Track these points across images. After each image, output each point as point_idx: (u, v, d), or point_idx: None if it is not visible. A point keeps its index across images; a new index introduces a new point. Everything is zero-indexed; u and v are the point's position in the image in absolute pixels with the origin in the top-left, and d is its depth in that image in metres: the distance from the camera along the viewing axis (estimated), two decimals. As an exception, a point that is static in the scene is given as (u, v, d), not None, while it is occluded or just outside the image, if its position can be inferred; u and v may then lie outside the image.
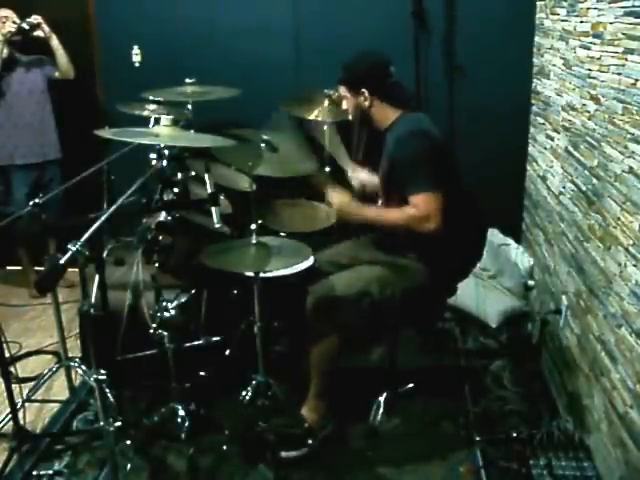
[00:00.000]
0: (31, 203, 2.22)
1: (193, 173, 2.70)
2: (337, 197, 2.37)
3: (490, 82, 3.40)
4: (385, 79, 2.36)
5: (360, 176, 2.73)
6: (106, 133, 2.16)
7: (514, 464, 2.32)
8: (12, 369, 2.54)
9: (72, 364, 2.70)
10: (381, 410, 2.59)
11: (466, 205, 2.39)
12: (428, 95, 3.42)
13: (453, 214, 2.22)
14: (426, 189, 2.19)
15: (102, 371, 1.94)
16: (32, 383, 2.72)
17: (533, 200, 3.35)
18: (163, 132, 2.17)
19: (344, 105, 2.47)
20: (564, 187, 2.74)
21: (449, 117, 3.44)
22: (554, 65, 2.95)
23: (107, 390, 2.06)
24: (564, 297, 2.68)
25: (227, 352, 2.65)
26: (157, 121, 2.39)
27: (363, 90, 2.36)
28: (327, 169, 3.21)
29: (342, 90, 2.45)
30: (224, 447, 2.37)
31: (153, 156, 2.37)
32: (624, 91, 2.07)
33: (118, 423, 1.96)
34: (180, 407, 2.42)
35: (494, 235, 3.32)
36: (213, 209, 2.39)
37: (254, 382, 2.42)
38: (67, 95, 3.58)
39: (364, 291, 2.32)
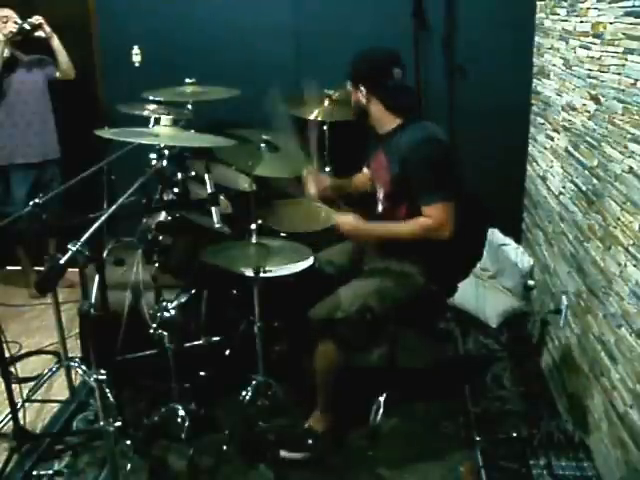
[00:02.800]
0: (31, 203, 2.22)
1: (193, 173, 2.70)
2: (344, 220, 2.30)
3: (490, 82, 3.40)
4: (385, 79, 2.28)
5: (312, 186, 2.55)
6: (106, 133, 2.16)
7: (514, 464, 2.31)
8: (12, 369, 2.53)
9: (72, 364, 2.70)
10: (381, 410, 2.59)
11: (466, 205, 2.38)
12: (428, 95, 3.42)
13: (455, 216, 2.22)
14: (440, 199, 2.18)
15: (102, 371, 1.93)
16: (32, 383, 2.72)
17: (533, 200, 3.35)
18: (163, 132, 2.17)
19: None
20: (564, 187, 2.74)
21: (449, 117, 3.44)
22: (554, 65, 2.95)
23: (107, 390, 2.06)
24: (564, 297, 2.68)
25: (227, 352, 2.65)
26: (157, 121, 2.40)
27: (361, 87, 2.32)
28: (327, 169, 3.22)
29: (349, 84, 2.40)
30: (224, 447, 2.37)
31: (153, 156, 2.37)
32: (624, 91, 2.07)
33: (118, 423, 1.96)
34: (180, 407, 2.42)
35: (494, 235, 3.32)
36: (213, 209, 2.39)
37: (254, 382, 2.42)
38: (67, 95, 3.58)
39: (364, 306, 2.28)
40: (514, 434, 2.45)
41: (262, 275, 2.28)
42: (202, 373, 2.61)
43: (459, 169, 2.37)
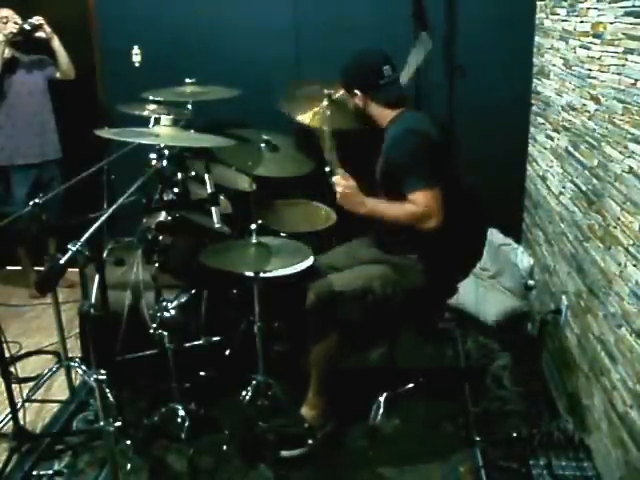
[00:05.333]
0: (31, 203, 2.22)
1: (193, 173, 2.70)
2: (343, 182, 2.27)
3: (490, 82, 3.40)
4: (376, 80, 2.35)
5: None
6: (106, 133, 2.16)
7: (514, 464, 2.32)
8: (12, 369, 2.53)
9: (72, 364, 2.70)
10: (381, 410, 2.59)
11: (466, 204, 2.38)
12: (428, 95, 3.42)
13: (452, 214, 2.22)
14: (422, 186, 2.19)
15: (102, 371, 1.93)
16: (32, 383, 2.72)
17: (533, 200, 3.35)
18: (163, 132, 2.17)
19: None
20: (564, 187, 2.74)
21: (449, 117, 3.44)
22: (554, 65, 2.95)
23: (107, 390, 2.06)
24: (564, 297, 2.68)
25: (227, 352, 2.65)
26: (157, 121, 2.40)
27: (356, 91, 2.40)
28: (327, 169, 3.21)
29: (345, 92, 2.50)
30: (224, 447, 2.37)
31: (153, 156, 2.37)
32: (624, 91, 2.07)
33: (118, 423, 1.96)
34: (180, 407, 2.42)
35: (494, 235, 3.32)
36: (213, 209, 2.39)
37: (254, 382, 2.42)
38: (67, 95, 3.58)
39: (366, 287, 2.32)
40: (514, 434, 2.45)
41: (262, 275, 2.28)
42: (202, 373, 2.61)
43: (449, 160, 2.38)
